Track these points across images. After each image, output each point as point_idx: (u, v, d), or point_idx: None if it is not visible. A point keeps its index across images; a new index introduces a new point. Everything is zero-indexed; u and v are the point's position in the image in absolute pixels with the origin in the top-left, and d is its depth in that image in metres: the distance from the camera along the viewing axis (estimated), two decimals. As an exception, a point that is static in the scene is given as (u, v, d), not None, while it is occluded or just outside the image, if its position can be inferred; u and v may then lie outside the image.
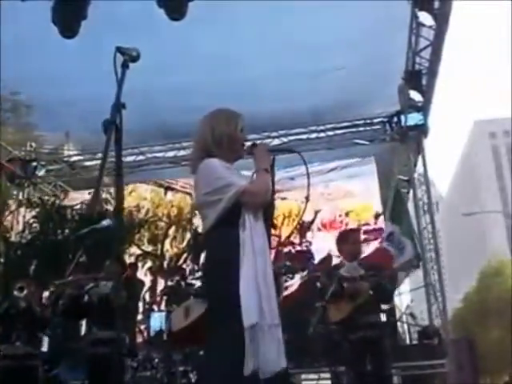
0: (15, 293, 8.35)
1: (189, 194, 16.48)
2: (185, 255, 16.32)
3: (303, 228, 15.41)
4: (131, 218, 15.76)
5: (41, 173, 16.01)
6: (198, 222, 15.50)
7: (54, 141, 15.35)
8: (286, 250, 14.61)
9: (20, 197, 16.11)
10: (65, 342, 9.82)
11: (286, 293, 13.25)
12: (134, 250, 16.35)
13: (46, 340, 8.80)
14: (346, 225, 15.01)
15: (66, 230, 14.23)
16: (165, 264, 16.72)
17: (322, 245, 14.53)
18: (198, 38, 10.58)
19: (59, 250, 12.53)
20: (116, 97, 2.94)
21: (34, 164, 15.82)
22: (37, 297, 8.77)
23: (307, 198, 4.21)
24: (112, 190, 11.68)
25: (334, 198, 15.68)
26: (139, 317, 11.45)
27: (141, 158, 15.32)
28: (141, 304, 12.81)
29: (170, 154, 15.23)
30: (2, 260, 14.29)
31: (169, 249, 17.05)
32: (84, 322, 9.84)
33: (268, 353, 3.49)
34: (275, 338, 3.54)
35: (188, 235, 16.62)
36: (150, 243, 17.05)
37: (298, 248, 15.41)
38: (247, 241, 3.68)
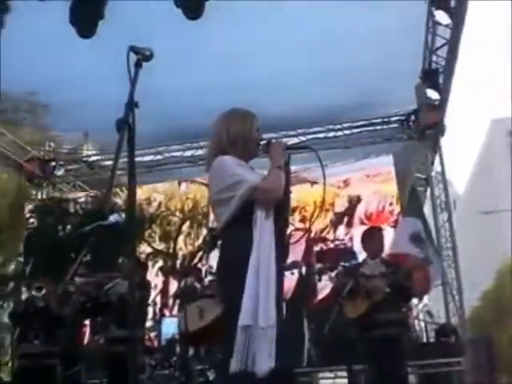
0: (33, 292, 8.39)
1: (205, 184, 15.54)
2: (200, 253, 15.85)
3: (338, 220, 15.15)
4: (141, 212, 15.37)
5: (59, 172, 16.02)
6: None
7: (72, 141, 15.46)
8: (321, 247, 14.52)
9: (39, 196, 16.17)
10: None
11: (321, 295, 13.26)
12: (144, 247, 16.05)
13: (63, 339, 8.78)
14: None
15: (68, 226, 14.17)
16: (178, 263, 16.28)
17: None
18: (213, 37, 10.63)
19: (59, 249, 12.43)
20: (129, 96, 2.98)
21: (53, 164, 15.83)
22: (54, 296, 8.83)
23: (323, 202, 4.21)
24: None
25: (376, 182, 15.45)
26: (149, 323, 11.33)
27: (158, 157, 15.37)
28: (150, 309, 12.22)
29: (188, 153, 15.27)
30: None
31: (182, 246, 16.52)
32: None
33: (259, 353, 3.50)
34: (268, 338, 3.53)
35: (204, 231, 16.01)
36: (161, 240, 16.60)
37: (331, 245, 15.04)
38: (256, 238, 3.70)
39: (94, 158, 16.09)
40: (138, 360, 8.16)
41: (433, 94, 12.19)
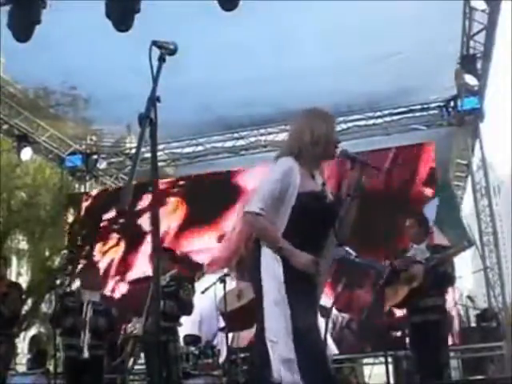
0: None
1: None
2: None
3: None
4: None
5: (102, 166, 16.20)
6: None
7: (115, 134, 15.61)
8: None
9: (82, 190, 16.36)
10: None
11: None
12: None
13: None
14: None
15: None
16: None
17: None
18: (251, 30, 10.69)
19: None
20: (152, 91, 2.98)
21: (95, 157, 15.99)
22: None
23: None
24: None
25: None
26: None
27: (200, 148, 15.46)
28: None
29: (229, 144, 15.32)
30: None
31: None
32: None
33: None
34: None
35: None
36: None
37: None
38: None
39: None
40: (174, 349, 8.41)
41: (471, 80, 12.13)
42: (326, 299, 7.09)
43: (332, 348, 11.33)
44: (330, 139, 4.13)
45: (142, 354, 9.18)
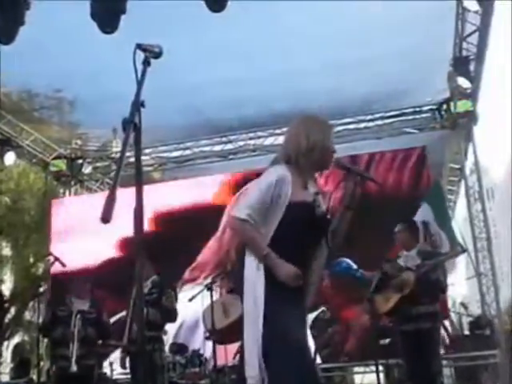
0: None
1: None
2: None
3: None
4: None
5: (87, 170, 15.98)
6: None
7: (101, 138, 15.39)
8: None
9: (67, 195, 16.12)
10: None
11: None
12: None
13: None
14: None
15: None
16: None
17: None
18: (241, 30, 10.57)
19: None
20: (136, 95, 2.88)
21: (80, 161, 15.76)
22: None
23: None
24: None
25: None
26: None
27: (187, 152, 15.28)
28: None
29: (217, 147, 15.15)
30: None
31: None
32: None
33: None
34: None
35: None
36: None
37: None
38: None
39: (122, 155, 15.92)
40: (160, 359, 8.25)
41: (464, 82, 12.01)
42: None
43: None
44: (326, 148, 4.07)
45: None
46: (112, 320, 9.49)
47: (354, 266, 7.52)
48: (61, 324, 8.22)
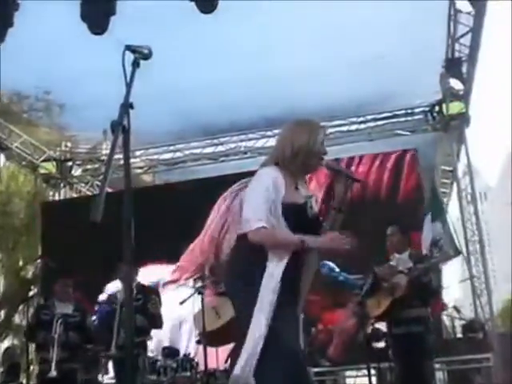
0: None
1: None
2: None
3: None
4: None
5: (77, 173, 15.90)
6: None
7: (90, 140, 15.30)
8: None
9: (56, 197, 16.03)
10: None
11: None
12: None
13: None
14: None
15: None
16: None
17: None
18: (232, 32, 10.52)
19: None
20: (125, 97, 2.84)
21: (70, 164, 15.70)
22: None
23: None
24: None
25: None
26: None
27: (178, 154, 15.19)
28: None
29: (208, 150, 15.07)
30: None
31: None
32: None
33: None
34: None
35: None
36: None
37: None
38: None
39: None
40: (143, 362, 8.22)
41: (456, 84, 11.98)
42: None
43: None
44: (313, 152, 4.06)
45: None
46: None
47: (337, 269, 7.47)
48: (43, 328, 8.22)
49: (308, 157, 4.04)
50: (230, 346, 8.92)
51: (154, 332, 8.82)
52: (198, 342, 9.15)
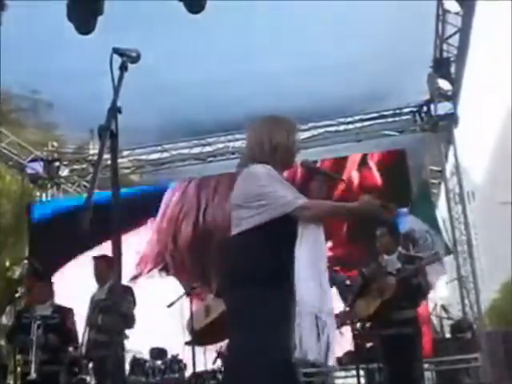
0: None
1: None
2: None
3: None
4: None
5: (64, 173, 15.81)
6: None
7: (78, 140, 15.19)
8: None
9: (43, 198, 15.93)
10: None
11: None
12: None
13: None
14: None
15: None
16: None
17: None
18: (218, 32, 10.44)
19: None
20: (112, 101, 2.79)
21: (57, 164, 15.60)
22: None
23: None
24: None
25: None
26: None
27: (165, 155, 15.14)
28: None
29: (196, 150, 15.02)
30: None
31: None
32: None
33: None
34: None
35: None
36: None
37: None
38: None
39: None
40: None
41: (444, 84, 11.97)
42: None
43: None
44: (290, 149, 4.10)
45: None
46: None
47: None
48: (23, 331, 8.21)
49: (286, 154, 4.06)
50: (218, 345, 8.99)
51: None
52: (187, 344, 9.14)
